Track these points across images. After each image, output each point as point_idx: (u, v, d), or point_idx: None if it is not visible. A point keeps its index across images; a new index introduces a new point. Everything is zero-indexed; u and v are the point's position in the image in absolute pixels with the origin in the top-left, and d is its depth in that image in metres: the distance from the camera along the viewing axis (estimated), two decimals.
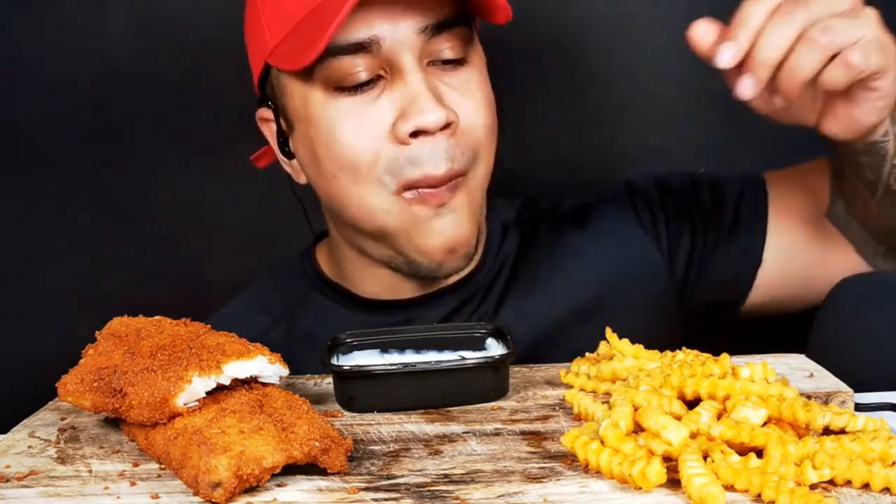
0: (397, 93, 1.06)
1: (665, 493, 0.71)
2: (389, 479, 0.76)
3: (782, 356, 1.03)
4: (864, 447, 0.74)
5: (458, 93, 1.08)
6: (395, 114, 1.05)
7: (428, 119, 1.03)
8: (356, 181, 1.08)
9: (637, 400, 0.80)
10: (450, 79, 1.08)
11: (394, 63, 1.05)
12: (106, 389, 0.83)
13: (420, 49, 1.05)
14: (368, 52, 1.04)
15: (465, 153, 1.08)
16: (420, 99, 1.04)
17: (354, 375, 0.91)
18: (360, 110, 1.06)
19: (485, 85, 1.12)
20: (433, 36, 1.05)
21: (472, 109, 1.08)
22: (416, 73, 1.05)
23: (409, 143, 1.05)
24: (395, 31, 1.04)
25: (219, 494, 0.72)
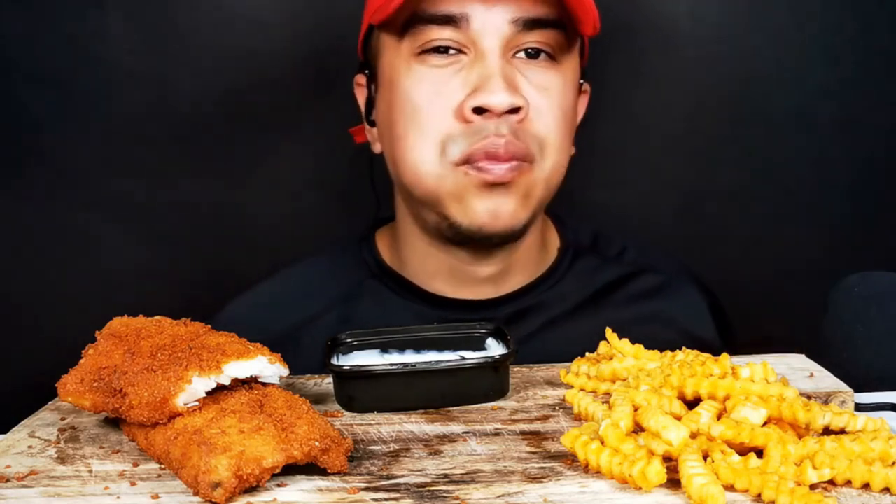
0: (474, 72, 1.08)
1: (665, 493, 0.71)
2: (389, 479, 0.76)
3: (782, 356, 1.03)
4: (864, 447, 0.74)
5: (535, 86, 1.10)
6: (468, 90, 1.08)
7: (494, 99, 1.06)
8: (420, 145, 1.11)
9: (637, 400, 0.80)
10: (532, 73, 1.10)
11: (478, 43, 1.08)
12: (106, 389, 0.83)
13: (507, 38, 1.08)
14: (457, 26, 1.08)
15: (532, 141, 1.10)
16: (492, 80, 1.07)
17: (354, 375, 0.91)
18: (438, 79, 1.10)
19: (567, 93, 1.13)
20: (524, 30, 1.08)
21: (544, 104, 1.10)
22: (495, 56, 1.08)
23: (472, 119, 1.07)
24: (487, 13, 1.07)
25: (219, 494, 0.72)
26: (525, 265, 1.23)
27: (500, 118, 1.07)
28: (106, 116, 1.60)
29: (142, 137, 1.62)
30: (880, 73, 1.63)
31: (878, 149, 1.66)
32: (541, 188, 1.13)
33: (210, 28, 1.59)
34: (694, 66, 1.63)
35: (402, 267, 1.25)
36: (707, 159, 1.67)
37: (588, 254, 1.30)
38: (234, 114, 1.61)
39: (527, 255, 1.22)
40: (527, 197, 1.12)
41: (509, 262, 1.21)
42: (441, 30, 1.08)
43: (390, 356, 0.99)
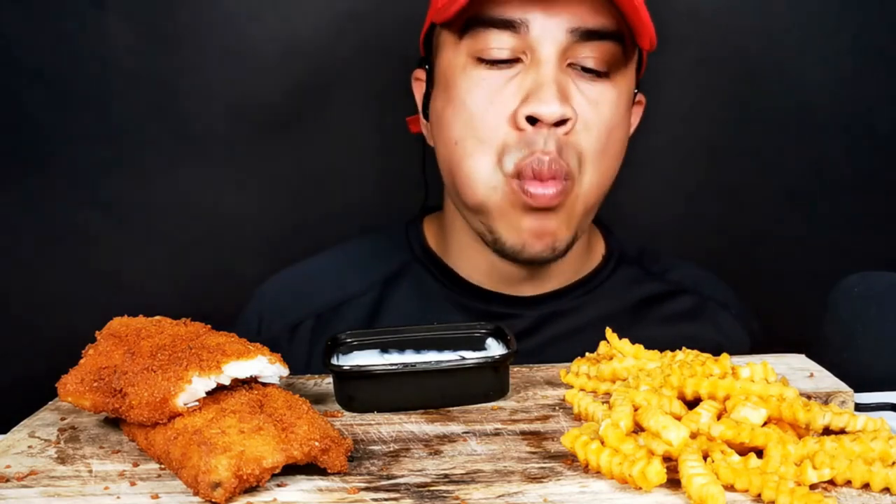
0: (529, 79, 1.09)
1: (665, 493, 0.71)
2: (389, 479, 0.76)
3: (782, 356, 1.03)
4: (864, 447, 0.74)
5: (586, 100, 1.10)
6: (521, 97, 1.09)
7: (546, 109, 1.06)
8: (474, 153, 1.12)
9: (637, 400, 0.80)
10: (584, 86, 1.10)
11: (535, 50, 1.08)
12: (106, 389, 0.83)
13: (565, 47, 1.08)
14: (516, 32, 1.08)
15: (573, 156, 1.10)
16: (544, 88, 1.07)
17: (354, 375, 0.91)
18: (494, 85, 1.10)
19: (619, 107, 1.13)
20: (581, 40, 1.08)
21: (592, 119, 1.10)
22: (551, 65, 1.08)
23: (525, 129, 1.08)
24: (546, 20, 1.07)
25: (219, 494, 0.72)
26: (567, 268, 1.24)
27: (549, 130, 1.07)
28: (106, 116, 1.60)
29: (142, 137, 1.62)
30: (880, 73, 1.63)
31: (878, 149, 1.66)
32: (580, 206, 1.13)
33: (210, 28, 1.59)
34: (694, 66, 1.63)
35: (446, 255, 1.26)
36: (707, 159, 1.67)
37: (631, 265, 1.31)
38: (234, 113, 1.61)
39: (569, 258, 1.22)
40: (569, 217, 1.13)
41: (550, 267, 1.22)
42: (500, 34, 1.08)
43: (390, 356, 0.99)
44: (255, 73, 1.60)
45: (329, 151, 1.63)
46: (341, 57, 1.58)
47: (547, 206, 1.09)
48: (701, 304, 1.29)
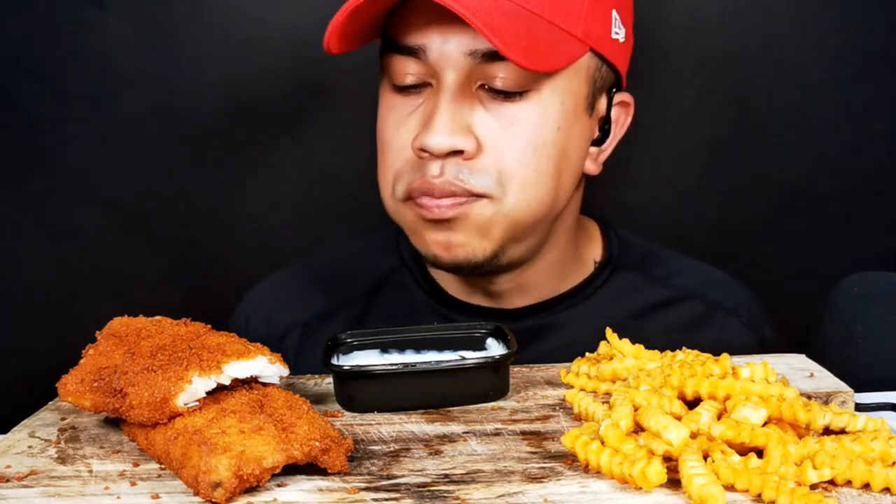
0: (429, 105, 1.07)
1: (665, 493, 0.71)
2: (389, 479, 0.76)
3: (782, 356, 1.03)
4: (864, 447, 0.74)
5: (498, 122, 1.06)
6: (420, 126, 1.07)
7: (431, 141, 1.04)
8: (382, 179, 1.13)
9: (637, 400, 0.80)
10: (497, 107, 1.06)
11: (437, 75, 1.06)
12: (106, 389, 0.83)
13: (469, 71, 1.05)
14: (418, 57, 1.06)
15: (486, 178, 1.06)
16: (434, 119, 1.04)
17: (354, 375, 0.91)
18: (402, 113, 1.09)
19: (544, 125, 1.07)
20: (486, 62, 1.03)
21: (508, 141, 1.06)
22: (447, 93, 1.05)
23: (422, 158, 1.06)
24: (444, 45, 1.04)
25: (219, 494, 0.72)
26: (546, 280, 1.20)
27: (443, 158, 1.05)
28: (106, 116, 1.60)
29: (142, 137, 1.62)
30: (880, 73, 1.63)
31: (877, 148, 1.66)
32: (503, 223, 1.08)
33: (211, 28, 1.59)
34: (694, 65, 1.63)
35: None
36: (707, 159, 1.67)
37: (629, 270, 1.26)
38: (234, 114, 1.61)
39: (547, 270, 1.19)
40: (484, 231, 1.08)
41: (521, 280, 1.19)
42: (405, 60, 1.06)
43: (390, 356, 0.99)
44: (255, 72, 1.60)
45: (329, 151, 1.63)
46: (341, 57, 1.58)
47: (441, 218, 1.07)
48: (706, 312, 1.25)
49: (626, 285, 1.25)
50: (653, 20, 1.61)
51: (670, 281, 1.27)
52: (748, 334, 1.25)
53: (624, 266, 1.26)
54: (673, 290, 1.26)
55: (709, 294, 1.26)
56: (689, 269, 1.29)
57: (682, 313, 1.24)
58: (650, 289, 1.25)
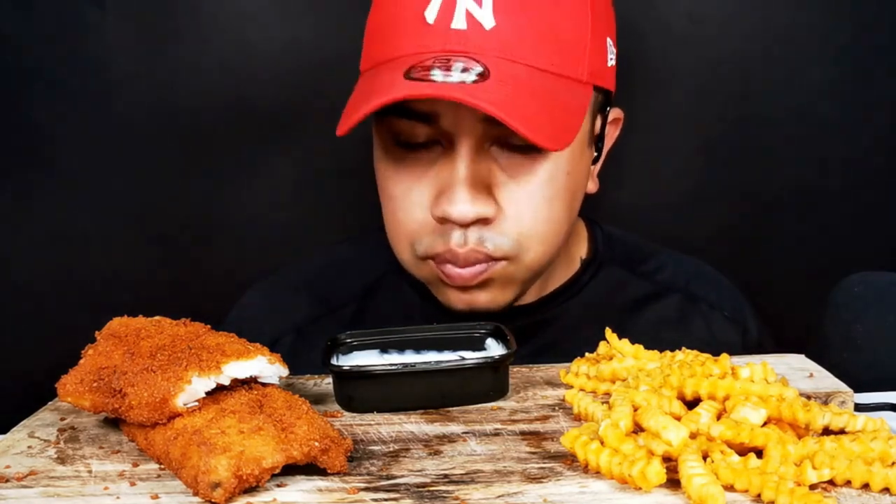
0: (445, 171, 1.04)
1: (665, 494, 0.71)
2: (389, 479, 0.76)
3: (782, 356, 1.03)
4: (863, 447, 0.74)
5: (515, 183, 1.05)
6: (437, 191, 1.05)
7: (454, 211, 1.02)
8: (396, 238, 1.11)
9: (637, 400, 0.80)
10: (513, 166, 1.05)
11: (452, 138, 1.03)
12: (106, 389, 0.83)
13: (482, 133, 1.02)
14: (429, 123, 1.03)
15: (507, 242, 1.05)
16: (455, 187, 1.02)
17: (354, 375, 0.91)
18: (412, 173, 1.06)
19: (555, 177, 1.06)
20: (500, 124, 0.99)
21: (524, 203, 1.05)
22: (464, 160, 1.02)
23: (443, 225, 1.05)
24: (457, 111, 1.01)
25: (218, 494, 0.72)
26: (539, 280, 1.20)
27: (465, 228, 1.04)
28: (106, 116, 1.60)
29: (142, 138, 1.62)
30: (880, 73, 1.63)
31: (877, 148, 1.66)
32: (523, 274, 1.09)
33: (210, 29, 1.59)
34: (694, 66, 1.63)
35: None
36: (706, 159, 1.67)
37: (614, 266, 1.26)
38: (234, 115, 1.61)
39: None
40: (506, 286, 1.09)
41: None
42: (413, 124, 1.03)
43: (390, 356, 0.99)
44: (255, 73, 1.60)
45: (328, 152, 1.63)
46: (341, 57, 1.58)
47: (466, 286, 1.07)
48: (689, 306, 1.25)
49: (611, 281, 1.25)
50: (653, 21, 1.61)
51: (654, 276, 1.27)
52: (731, 327, 1.26)
53: (609, 262, 1.26)
54: (656, 285, 1.26)
55: (692, 287, 1.27)
56: (672, 263, 1.30)
57: (666, 308, 1.25)
58: (635, 284, 1.26)
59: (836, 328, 1.13)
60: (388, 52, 1.04)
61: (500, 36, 1.01)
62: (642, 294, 1.25)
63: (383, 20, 1.07)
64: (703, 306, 1.26)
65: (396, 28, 1.04)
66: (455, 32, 1.01)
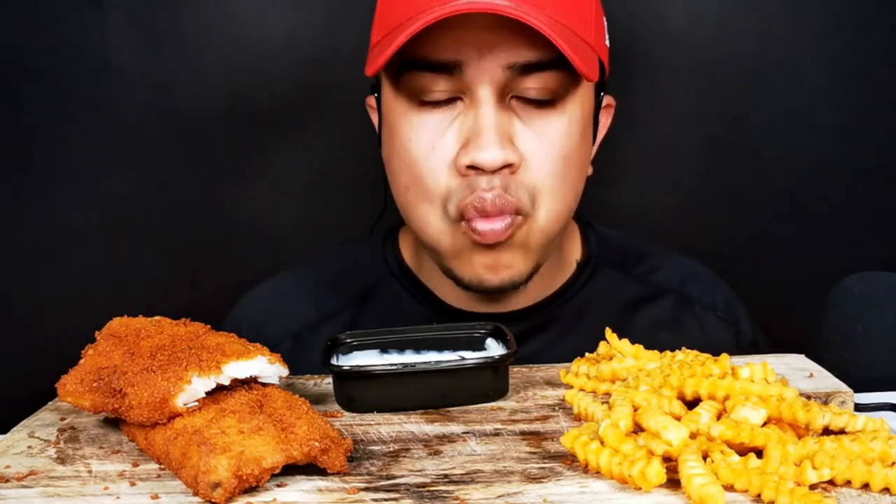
0: (468, 121, 1.05)
1: (665, 493, 0.71)
2: (389, 479, 0.76)
3: (782, 356, 1.03)
4: (863, 447, 0.74)
5: (533, 133, 1.06)
6: (461, 142, 1.05)
7: (484, 156, 1.02)
8: (422, 200, 1.09)
9: (637, 400, 0.80)
10: (531, 118, 1.06)
11: (472, 91, 1.04)
12: (106, 390, 0.83)
13: (504, 84, 1.04)
14: (450, 73, 1.03)
15: (525, 193, 1.07)
16: (482, 135, 1.03)
17: (354, 375, 0.91)
18: (434, 130, 1.07)
19: (571, 133, 1.08)
20: (521, 74, 1.03)
21: (542, 153, 1.06)
22: (488, 106, 1.04)
23: (466, 174, 1.05)
24: (481, 60, 1.02)
25: (218, 495, 0.72)
26: (538, 282, 1.20)
27: (490, 175, 1.04)
28: (106, 116, 1.61)
29: (142, 138, 1.62)
30: (880, 73, 1.63)
31: (877, 149, 1.66)
32: (538, 239, 1.10)
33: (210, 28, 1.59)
34: (694, 66, 1.63)
35: (420, 271, 1.24)
36: (707, 159, 1.67)
37: (609, 268, 1.26)
38: (235, 114, 1.61)
39: (539, 274, 1.18)
40: (525, 250, 1.10)
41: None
42: (435, 77, 1.04)
43: (390, 356, 0.99)
44: (255, 73, 1.60)
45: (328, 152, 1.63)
46: (341, 57, 1.58)
47: (497, 241, 1.07)
48: (683, 307, 1.26)
49: (606, 284, 1.25)
50: (652, 20, 1.61)
51: (648, 277, 1.28)
52: (724, 328, 1.26)
53: (604, 264, 1.27)
54: (650, 287, 1.27)
55: (686, 288, 1.27)
56: (666, 264, 1.30)
57: (660, 310, 1.25)
58: (629, 286, 1.26)
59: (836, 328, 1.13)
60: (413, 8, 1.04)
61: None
62: (637, 296, 1.26)
63: None
64: (697, 307, 1.26)
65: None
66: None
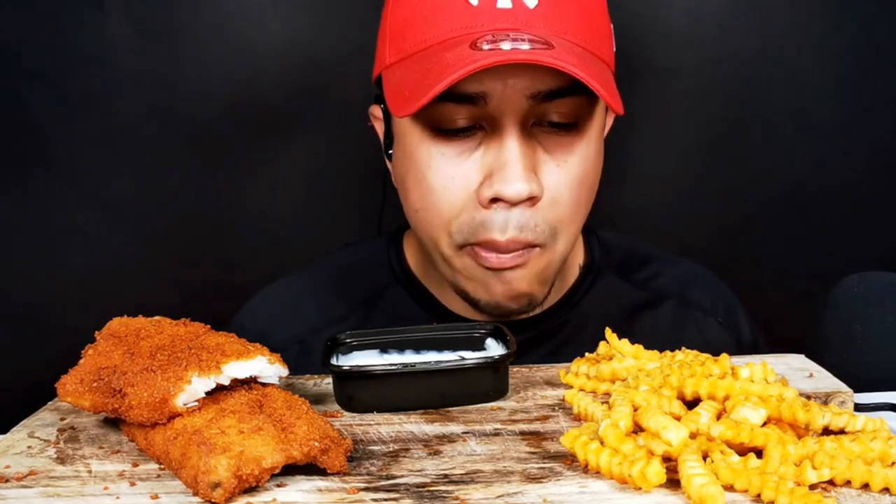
0: (492, 152, 1.03)
1: (665, 493, 0.71)
2: (389, 479, 0.76)
3: (782, 356, 1.03)
4: (863, 447, 0.74)
5: (554, 162, 1.05)
6: (484, 173, 1.04)
7: (510, 190, 1.01)
8: (434, 225, 1.08)
9: (637, 400, 0.80)
10: (552, 144, 1.05)
11: (496, 121, 1.03)
12: (105, 389, 0.83)
13: (527, 112, 1.02)
14: (474, 104, 1.02)
15: (544, 228, 1.06)
16: (509, 167, 1.01)
17: (354, 375, 0.91)
18: (454, 160, 1.05)
19: (588, 157, 1.07)
20: (544, 101, 1.02)
21: (563, 184, 1.05)
22: (514, 138, 1.02)
23: (488, 207, 1.04)
24: (505, 91, 1.01)
25: (218, 495, 0.72)
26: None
27: (511, 209, 1.03)
28: (106, 116, 1.61)
29: (142, 137, 1.62)
30: (880, 73, 1.64)
31: (877, 148, 1.67)
32: (556, 266, 1.10)
33: (210, 28, 1.59)
34: (694, 66, 1.63)
35: (425, 277, 1.23)
36: (706, 159, 1.67)
37: (611, 274, 1.26)
38: (234, 114, 1.61)
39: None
40: (542, 278, 1.09)
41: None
42: (458, 108, 1.02)
43: (390, 356, 0.99)
44: (255, 73, 1.61)
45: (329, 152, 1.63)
46: (341, 57, 1.58)
47: (507, 267, 1.06)
48: (683, 313, 1.25)
49: (608, 290, 1.25)
50: (652, 20, 1.61)
51: (649, 283, 1.27)
52: (725, 334, 1.25)
53: (605, 269, 1.26)
54: (651, 293, 1.26)
55: (687, 294, 1.27)
56: (667, 269, 1.29)
57: (662, 316, 1.25)
58: (630, 293, 1.25)
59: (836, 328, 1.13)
60: (434, 35, 1.03)
61: (545, 13, 1.02)
62: (638, 302, 1.25)
63: (419, 8, 1.06)
64: (698, 313, 1.26)
65: (439, 12, 1.04)
66: (502, 11, 1.02)
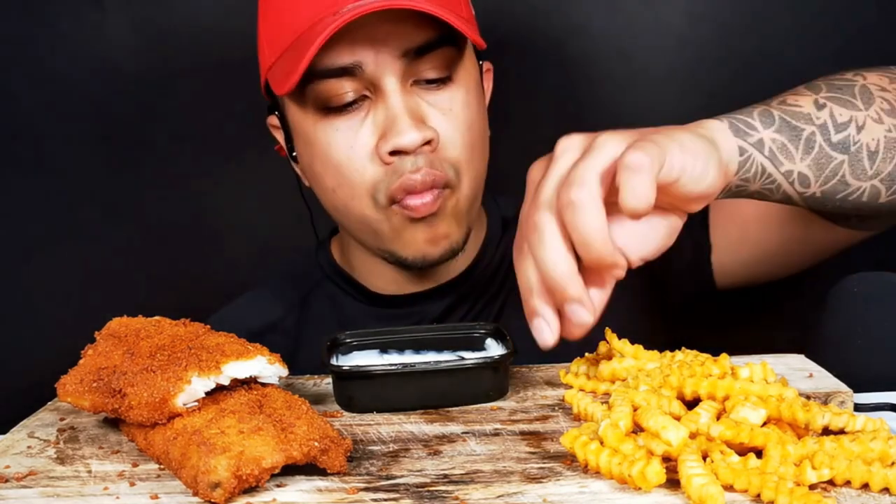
0: (380, 114, 1.10)
1: (664, 494, 0.71)
2: (389, 479, 0.76)
3: (782, 356, 1.03)
4: (863, 447, 0.74)
5: (439, 111, 1.12)
6: (378, 134, 1.11)
7: (405, 140, 1.08)
8: (353, 196, 1.14)
9: (636, 400, 0.80)
10: (433, 97, 1.12)
11: (377, 85, 1.09)
12: (105, 390, 0.83)
13: (402, 71, 1.09)
14: (353, 75, 1.09)
15: (447, 167, 1.12)
16: (398, 121, 1.09)
17: (354, 376, 0.91)
18: (349, 131, 1.12)
19: (470, 103, 1.15)
20: (416, 58, 1.09)
21: (453, 128, 1.12)
22: (396, 95, 1.09)
23: (391, 161, 1.10)
24: (378, 56, 1.08)
25: (218, 495, 0.72)
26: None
27: (414, 155, 1.10)
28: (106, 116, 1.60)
29: (141, 138, 1.62)
30: None
31: None
32: (465, 205, 1.16)
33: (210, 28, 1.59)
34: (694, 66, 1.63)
35: (353, 271, 1.30)
36: None
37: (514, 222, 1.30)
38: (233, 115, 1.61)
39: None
40: (457, 218, 1.16)
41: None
42: (339, 82, 1.09)
43: (390, 356, 0.99)
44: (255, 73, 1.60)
45: None
46: None
47: (429, 213, 1.12)
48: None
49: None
50: (652, 20, 1.61)
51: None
52: None
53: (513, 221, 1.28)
54: None
55: None
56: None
57: None
58: None
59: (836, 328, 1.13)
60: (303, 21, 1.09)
61: None
62: None
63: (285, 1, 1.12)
64: None
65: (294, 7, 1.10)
66: None
